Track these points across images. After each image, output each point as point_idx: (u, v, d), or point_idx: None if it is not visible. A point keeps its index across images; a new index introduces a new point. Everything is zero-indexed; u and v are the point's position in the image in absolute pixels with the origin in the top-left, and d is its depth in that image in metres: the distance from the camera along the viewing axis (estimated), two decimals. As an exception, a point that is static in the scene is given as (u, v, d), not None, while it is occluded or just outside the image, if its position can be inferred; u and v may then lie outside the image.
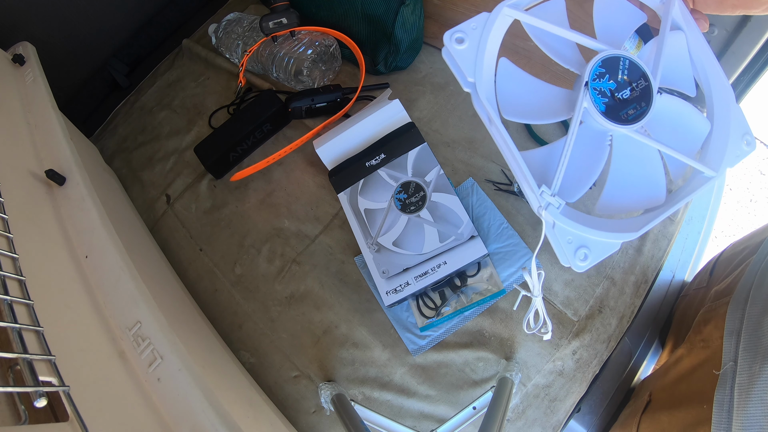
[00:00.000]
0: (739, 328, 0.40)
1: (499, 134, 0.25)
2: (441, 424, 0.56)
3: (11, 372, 0.33)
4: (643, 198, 0.27)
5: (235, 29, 0.83)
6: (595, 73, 0.25)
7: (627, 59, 0.26)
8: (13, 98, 0.58)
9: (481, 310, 0.59)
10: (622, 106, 0.25)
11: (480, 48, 0.25)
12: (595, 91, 0.25)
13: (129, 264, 0.45)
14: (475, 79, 0.25)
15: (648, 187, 0.27)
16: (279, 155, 0.69)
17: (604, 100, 0.25)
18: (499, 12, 0.26)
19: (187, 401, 0.37)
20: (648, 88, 0.26)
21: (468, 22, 0.26)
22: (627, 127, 0.25)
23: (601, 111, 0.25)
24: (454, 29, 0.26)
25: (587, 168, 0.26)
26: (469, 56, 0.25)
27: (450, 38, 0.26)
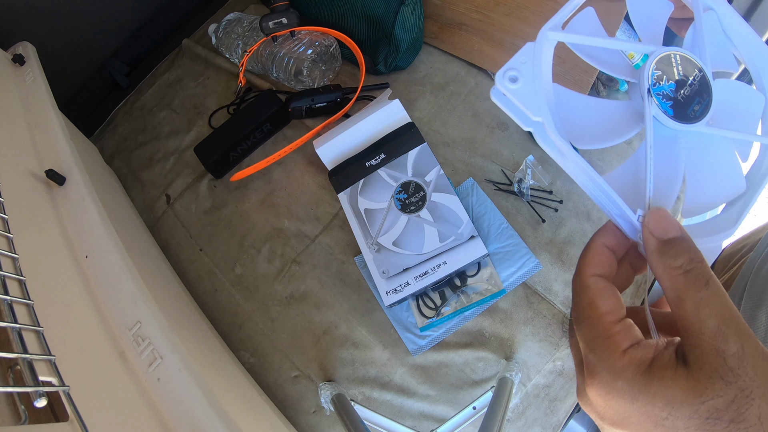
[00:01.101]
0: None
1: (577, 166, 0.23)
2: (441, 424, 0.56)
3: (11, 372, 0.33)
4: (725, 190, 0.26)
5: (235, 29, 0.83)
6: (654, 77, 0.24)
7: (677, 54, 0.25)
8: (13, 98, 0.58)
9: (481, 310, 0.59)
10: (687, 104, 0.24)
11: (537, 81, 0.24)
12: (659, 96, 0.24)
13: (129, 264, 0.45)
14: (543, 117, 0.23)
15: (727, 178, 0.26)
16: (279, 155, 0.69)
17: (669, 103, 0.24)
18: (545, 38, 0.25)
19: (187, 401, 0.37)
20: (704, 78, 0.25)
21: (516, 56, 0.24)
22: (698, 124, 0.24)
23: (670, 115, 0.24)
24: (505, 68, 0.24)
25: (669, 178, 0.25)
26: (528, 93, 0.23)
27: (503, 79, 0.24)
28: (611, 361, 0.19)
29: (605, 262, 0.22)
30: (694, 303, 0.18)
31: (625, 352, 0.19)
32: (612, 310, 0.21)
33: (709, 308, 0.18)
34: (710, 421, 0.17)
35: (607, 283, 0.22)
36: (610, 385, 0.19)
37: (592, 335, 0.21)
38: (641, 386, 0.18)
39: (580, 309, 0.22)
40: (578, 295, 0.22)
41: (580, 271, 0.22)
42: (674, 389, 0.18)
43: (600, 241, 0.23)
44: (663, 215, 0.21)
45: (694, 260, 0.19)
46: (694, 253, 0.20)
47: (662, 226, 0.21)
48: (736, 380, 0.17)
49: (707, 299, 0.18)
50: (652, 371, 0.19)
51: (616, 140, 0.25)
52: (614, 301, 0.21)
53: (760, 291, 0.41)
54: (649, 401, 0.18)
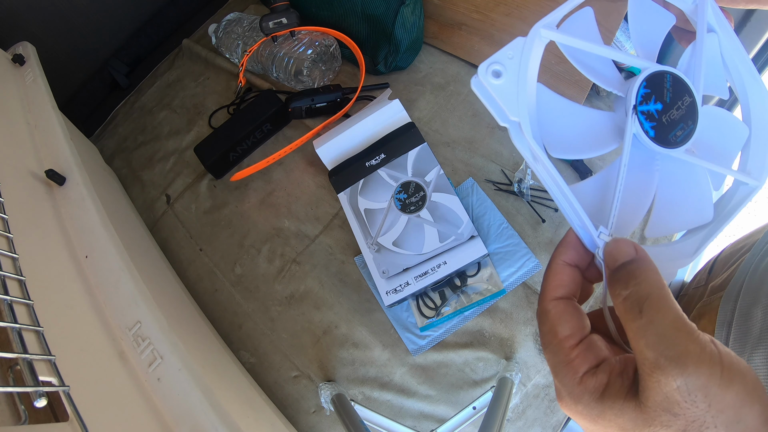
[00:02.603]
0: (730, 319, 0.41)
1: (547, 172, 0.22)
2: (441, 424, 0.56)
3: (11, 372, 0.33)
4: (691, 217, 0.26)
5: (235, 29, 0.83)
6: (642, 95, 0.23)
7: (670, 74, 0.24)
8: (13, 98, 0.58)
9: (481, 310, 0.59)
10: (670, 128, 0.23)
11: (521, 80, 0.22)
12: (643, 114, 0.23)
13: (129, 264, 0.45)
14: (519, 117, 0.22)
15: (695, 206, 0.26)
16: (279, 155, 0.69)
17: (652, 124, 0.23)
18: (536, 35, 0.23)
19: (187, 401, 0.37)
20: (693, 104, 0.24)
21: (503, 50, 0.23)
22: (677, 150, 0.23)
23: (651, 137, 0.23)
24: (490, 61, 0.22)
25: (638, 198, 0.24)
26: (509, 90, 0.22)
27: (486, 72, 0.22)
28: (571, 387, 0.20)
29: (566, 282, 0.22)
30: (633, 334, 0.18)
31: (582, 379, 0.19)
32: (571, 333, 0.21)
33: (645, 339, 0.17)
34: None
35: (567, 305, 0.22)
36: (573, 408, 0.20)
37: (554, 361, 0.21)
38: (597, 412, 0.19)
39: (542, 335, 0.22)
40: (540, 321, 0.22)
41: (541, 296, 0.22)
42: (624, 419, 0.18)
43: (560, 260, 0.23)
44: (617, 246, 0.21)
45: (632, 283, 0.19)
46: (637, 278, 0.19)
47: (613, 256, 0.20)
48: (683, 412, 0.16)
49: (642, 329, 0.18)
50: (604, 399, 0.19)
51: (592, 153, 0.24)
52: (574, 323, 0.21)
53: (756, 289, 0.41)
54: (606, 426, 0.19)
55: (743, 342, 0.38)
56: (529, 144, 0.22)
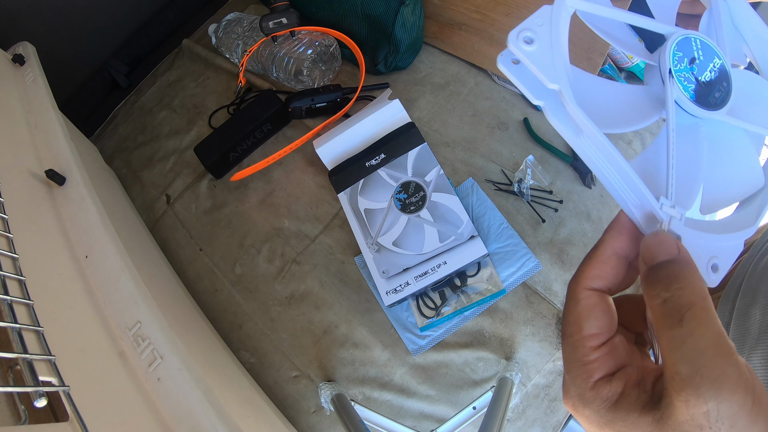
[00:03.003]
0: (728, 319, 0.41)
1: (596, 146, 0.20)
2: (441, 424, 0.56)
3: (11, 372, 0.33)
4: (743, 185, 0.24)
5: (235, 29, 0.83)
6: (675, 59, 0.22)
7: (698, 38, 0.23)
8: (13, 98, 0.58)
9: (481, 310, 0.59)
10: (708, 90, 0.22)
11: (554, 46, 0.21)
12: (680, 78, 0.22)
13: (129, 264, 0.45)
14: (560, 83, 0.20)
15: (745, 173, 0.24)
16: (279, 155, 0.69)
17: (692, 86, 0.22)
18: (563, 3, 0.22)
19: (187, 401, 0.37)
20: (723, 66, 0.23)
21: (532, 18, 0.21)
22: (719, 112, 0.22)
23: (692, 99, 0.22)
24: (520, 28, 0.21)
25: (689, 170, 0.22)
26: (544, 57, 0.20)
27: (517, 40, 0.20)
28: (582, 389, 0.19)
29: (608, 274, 0.20)
30: (668, 343, 0.16)
31: (595, 385, 0.18)
32: (596, 333, 0.19)
33: (681, 351, 0.16)
34: None
35: (600, 299, 0.20)
36: (580, 410, 0.19)
37: (570, 357, 0.20)
38: (606, 420, 0.18)
39: (566, 323, 0.20)
40: (567, 305, 0.20)
41: (576, 278, 0.21)
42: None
43: (611, 248, 0.20)
44: (659, 238, 0.19)
45: (674, 287, 0.17)
46: (679, 282, 0.17)
47: (652, 252, 0.18)
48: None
49: (680, 340, 0.16)
50: (617, 409, 0.18)
51: (633, 126, 0.23)
52: (602, 322, 0.19)
53: (755, 289, 0.41)
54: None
55: (742, 342, 0.38)
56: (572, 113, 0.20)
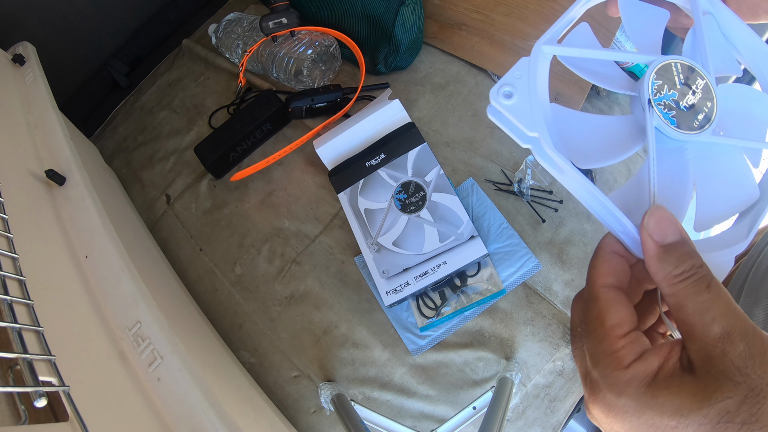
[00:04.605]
0: None
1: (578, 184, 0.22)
2: (441, 424, 0.56)
3: (11, 372, 0.33)
4: (738, 199, 0.25)
5: (235, 29, 0.83)
6: (654, 87, 0.23)
7: (677, 62, 0.24)
8: (13, 98, 0.58)
9: (481, 310, 0.59)
10: (690, 114, 0.23)
11: (532, 96, 0.23)
12: (660, 106, 0.23)
13: (129, 264, 0.45)
14: (539, 133, 0.22)
15: (738, 187, 0.25)
16: (279, 155, 0.69)
17: (671, 113, 0.23)
18: (539, 53, 0.24)
19: (187, 401, 0.37)
20: (707, 85, 0.24)
21: (510, 72, 0.23)
22: (703, 133, 0.23)
23: (673, 126, 0.23)
24: (499, 84, 0.23)
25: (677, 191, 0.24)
26: (523, 108, 0.23)
27: (498, 95, 0.23)
28: (614, 378, 0.19)
29: (617, 270, 0.22)
30: (696, 308, 0.18)
31: (629, 367, 0.19)
32: (620, 323, 0.20)
33: (712, 312, 0.18)
34: (721, 425, 0.16)
35: (617, 293, 0.21)
36: (613, 403, 0.19)
37: (597, 350, 0.20)
38: (647, 399, 0.18)
39: (588, 321, 0.21)
40: (588, 306, 0.21)
41: (590, 280, 0.22)
42: (682, 396, 0.17)
43: (609, 248, 0.22)
44: (663, 216, 0.20)
45: (696, 266, 0.19)
46: (695, 259, 0.19)
47: (662, 229, 0.20)
48: (744, 380, 0.16)
49: (709, 303, 0.18)
50: (657, 382, 0.18)
51: (618, 157, 0.24)
52: (624, 313, 0.20)
53: (757, 289, 0.41)
54: (657, 413, 0.18)
55: None
56: (553, 157, 0.22)
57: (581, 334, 0.21)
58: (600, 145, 0.25)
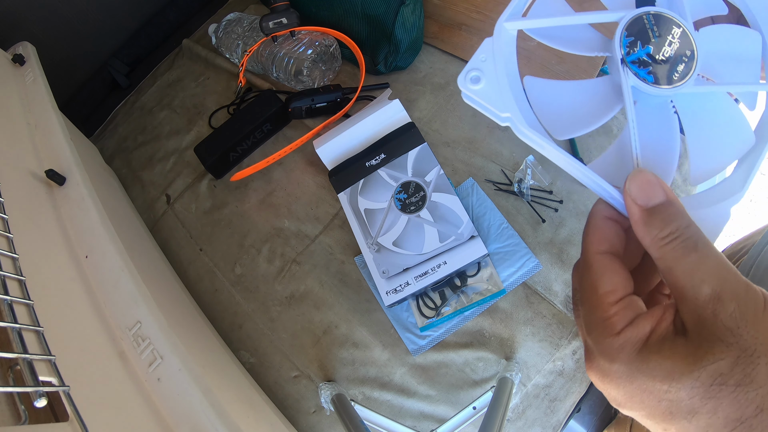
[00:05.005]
0: None
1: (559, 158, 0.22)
2: (441, 424, 0.56)
3: (11, 372, 0.33)
4: (733, 148, 0.24)
5: (235, 29, 0.83)
6: (626, 45, 0.22)
7: (649, 14, 0.22)
8: (13, 98, 0.58)
9: (481, 310, 0.59)
10: (669, 67, 0.22)
11: (499, 77, 0.22)
12: (635, 64, 0.22)
13: (129, 264, 0.45)
14: (511, 112, 0.22)
15: (732, 135, 0.24)
16: (279, 155, 0.69)
17: (647, 69, 0.22)
18: (501, 31, 0.23)
19: (187, 401, 0.37)
20: (684, 33, 0.23)
21: (475, 56, 0.23)
22: (685, 84, 0.22)
23: (651, 82, 0.22)
24: (466, 70, 0.22)
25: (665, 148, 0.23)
26: (492, 91, 0.22)
27: (465, 82, 0.22)
28: (606, 345, 0.19)
29: (610, 236, 0.21)
30: (685, 270, 0.18)
31: (620, 333, 0.18)
32: (613, 289, 0.20)
33: (701, 273, 0.17)
34: (714, 388, 0.16)
35: (611, 259, 0.20)
36: (606, 369, 0.19)
37: (591, 318, 0.20)
38: (638, 364, 0.18)
39: (583, 290, 0.21)
40: (582, 274, 0.21)
41: (584, 249, 0.21)
42: (673, 359, 0.17)
43: (600, 215, 0.22)
44: (645, 179, 0.20)
45: (682, 226, 0.18)
46: (681, 219, 0.19)
47: (645, 192, 0.19)
48: (736, 340, 0.16)
49: (698, 264, 0.17)
50: (649, 346, 0.18)
51: (599, 122, 0.23)
52: (617, 279, 0.20)
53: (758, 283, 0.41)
54: (649, 377, 0.17)
55: None
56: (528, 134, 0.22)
57: (578, 303, 0.21)
58: (579, 112, 0.24)
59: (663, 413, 0.17)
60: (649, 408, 0.18)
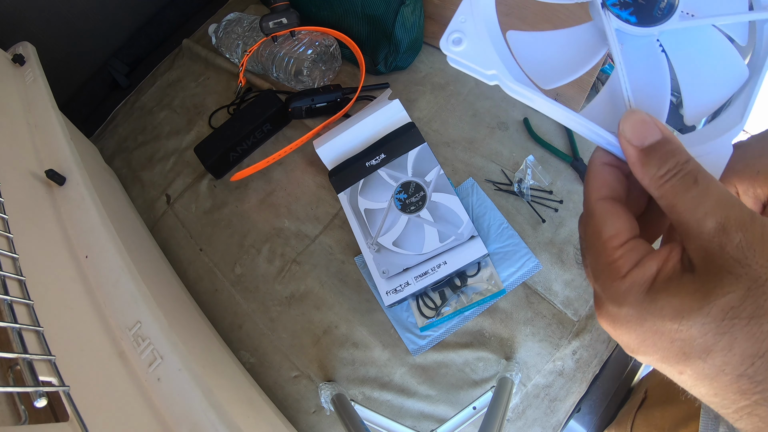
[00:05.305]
0: None
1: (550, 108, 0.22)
2: (441, 424, 0.56)
3: (11, 372, 0.33)
4: (727, 82, 0.24)
5: (235, 29, 0.83)
6: None
7: None
8: (13, 98, 0.58)
9: (481, 310, 0.59)
10: (651, 5, 0.22)
11: (481, 36, 0.22)
12: (616, 6, 0.22)
13: (129, 264, 0.45)
14: (496, 69, 0.22)
15: (724, 70, 0.24)
16: (279, 155, 0.69)
17: (629, 10, 0.22)
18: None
19: (187, 401, 0.37)
20: None
21: (455, 18, 0.23)
22: (669, 21, 0.22)
23: (634, 23, 0.22)
24: (448, 32, 0.22)
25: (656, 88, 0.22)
26: (476, 50, 0.22)
27: (447, 44, 0.22)
28: (613, 289, 0.18)
29: (610, 181, 0.21)
30: (687, 205, 0.17)
31: (626, 276, 0.18)
32: (616, 233, 0.19)
33: (704, 206, 0.17)
34: (727, 323, 0.15)
35: (613, 204, 0.20)
36: (615, 314, 0.18)
37: (596, 264, 0.19)
38: (646, 305, 0.17)
39: (587, 237, 0.20)
40: (586, 223, 0.21)
41: (585, 198, 0.21)
42: (682, 296, 0.16)
43: (599, 161, 0.21)
44: (638, 118, 0.19)
45: (680, 162, 0.18)
46: (679, 155, 0.18)
47: (639, 132, 0.19)
48: (746, 271, 0.15)
49: (699, 197, 0.17)
50: (656, 286, 0.17)
51: (584, 68, 0.23)
52: (620, 223, 0.19)
53: None
54: (658, 317, 0.17)
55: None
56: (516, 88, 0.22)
57: (585, 252, 0.21)
58: (564, 60, 0.24)
59: (677, 355, 0.17)
60: (662, 350, 0.17)
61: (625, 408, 0.55)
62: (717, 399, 0.16)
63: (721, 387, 0.16)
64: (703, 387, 0.17)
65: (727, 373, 0.15)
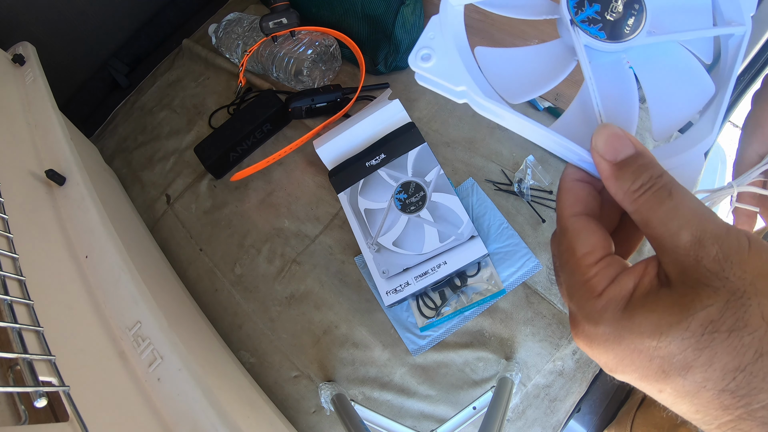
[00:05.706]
0: None
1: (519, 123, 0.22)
2: (441, 424, 0.56)
3: (11, 372, 0.33)
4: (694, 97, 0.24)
5: (235, 29, 0.83)
6: (574, 6, 0.22)
7: None
8: (13, 98, 0.58)
9: (481, 310, 0.59)
10: (619, 22, 0.22)
11: (450, 52, 0.23)
12: (584, 23, 0.22)
13: (129, 264, 0.45)
14: (465, 85, 0.22)
15: (690, 85, 0.24)
16: (279, 155, 0.69)
17: (598, 26, 0.22)
18: (446, 7, 0.23)
19: (187, 401, 0.37)
20: None
21: (423, 34, 0.23)
22: (637, 38, 0.22)
23: (603, 38, 0.22)
24: (416, 49, 0.23)
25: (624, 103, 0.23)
26: (444, 67, 0.22)
27: (416, 60, 0.22)
28: (589, 308, 0.18)
29: (582, 197, 0.20)
30: (661, 219, 0.17)
31: (602, 294, 0.17)
32: (591, 250, 0.19)
33: (678, 220, 0.16)
34: (707, 337, 0.15)
35: (587, 220, 0.20)
36: (592, 333, 0.18)
37: (570, 282, 0.19)
38: (624, 322, 0.17)
39: (561, 255, 0.20)
40: (560, 240, 0.20)
41: (558, 214, 0.21)
42: (660, 312, 0.16)
43: (570, 177, 0.21)
44: (611, 133, 0.19)
45: (654, 176, 0.18)
46: (653, 169, 0.18)
47: (613, 147, 0.19)
48: (723, 284, 0.15)
49: (673, 211, 0.17)
50: (633, 302, 0.17)
51: (553, 83, 0.23)
52: (595, 239, 0.19)
53: None
54: (636, 335, 0.16)
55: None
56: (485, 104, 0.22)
57: (558, 269, 0.20)
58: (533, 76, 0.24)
59: (656, 373, 0.16)
60: (641, 369, 0.16)
61: (625, 408, 0.55)
62: (699, 416, 0.16)
63: (702, 404, 0.16)
64: (684, 404, 0.16)
65: (708, 389, 0.15)
